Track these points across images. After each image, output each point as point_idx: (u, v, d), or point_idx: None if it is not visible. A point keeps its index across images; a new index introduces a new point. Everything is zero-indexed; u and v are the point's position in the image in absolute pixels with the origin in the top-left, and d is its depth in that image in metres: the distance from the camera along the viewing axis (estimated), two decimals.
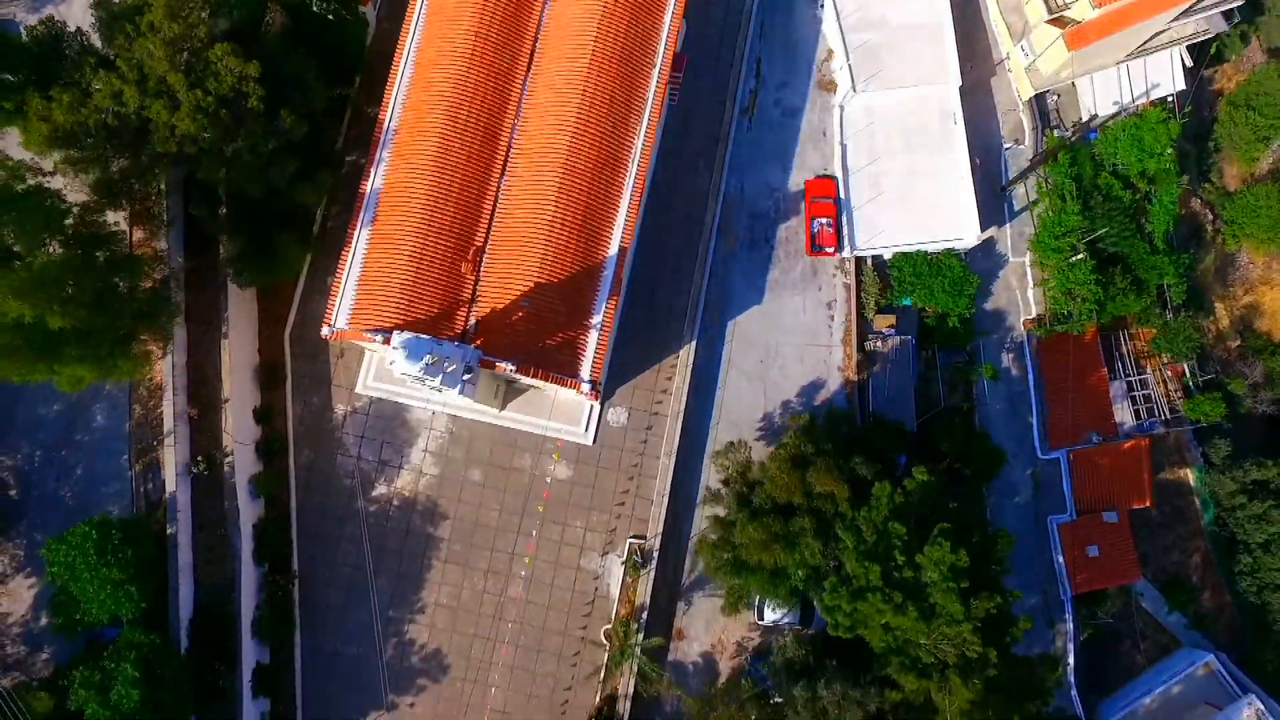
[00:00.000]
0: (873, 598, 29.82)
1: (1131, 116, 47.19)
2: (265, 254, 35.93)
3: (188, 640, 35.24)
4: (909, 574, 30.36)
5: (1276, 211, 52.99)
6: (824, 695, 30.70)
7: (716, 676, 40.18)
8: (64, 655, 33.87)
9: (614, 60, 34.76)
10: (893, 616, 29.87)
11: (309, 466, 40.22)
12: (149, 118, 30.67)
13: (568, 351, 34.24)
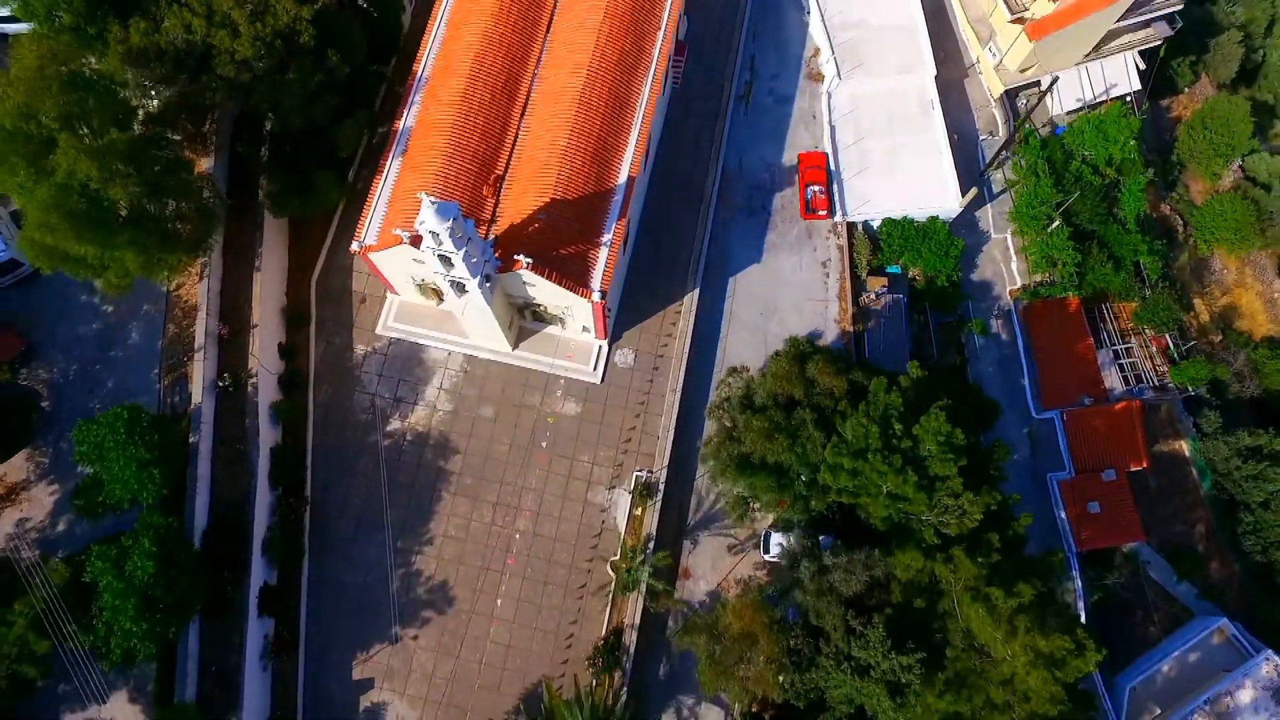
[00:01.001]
0: (873, 459, 30.97)
1: (1095, 112, 51.94)
2: (303, 189, 39.36)
3: (200, 546, 35.83)
4: (907, 444, 31.63)
5: (1241, 218, 57.05)
6: (831, 563, 31.19)
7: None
8: (81, 546, 34.41)
9: (623, 21, 39.46)
10: (894, 480, 30.90)
11: (327, 403, 41.90)
12: (213, 44, 34.83)
13: (579, 263, 36.89)
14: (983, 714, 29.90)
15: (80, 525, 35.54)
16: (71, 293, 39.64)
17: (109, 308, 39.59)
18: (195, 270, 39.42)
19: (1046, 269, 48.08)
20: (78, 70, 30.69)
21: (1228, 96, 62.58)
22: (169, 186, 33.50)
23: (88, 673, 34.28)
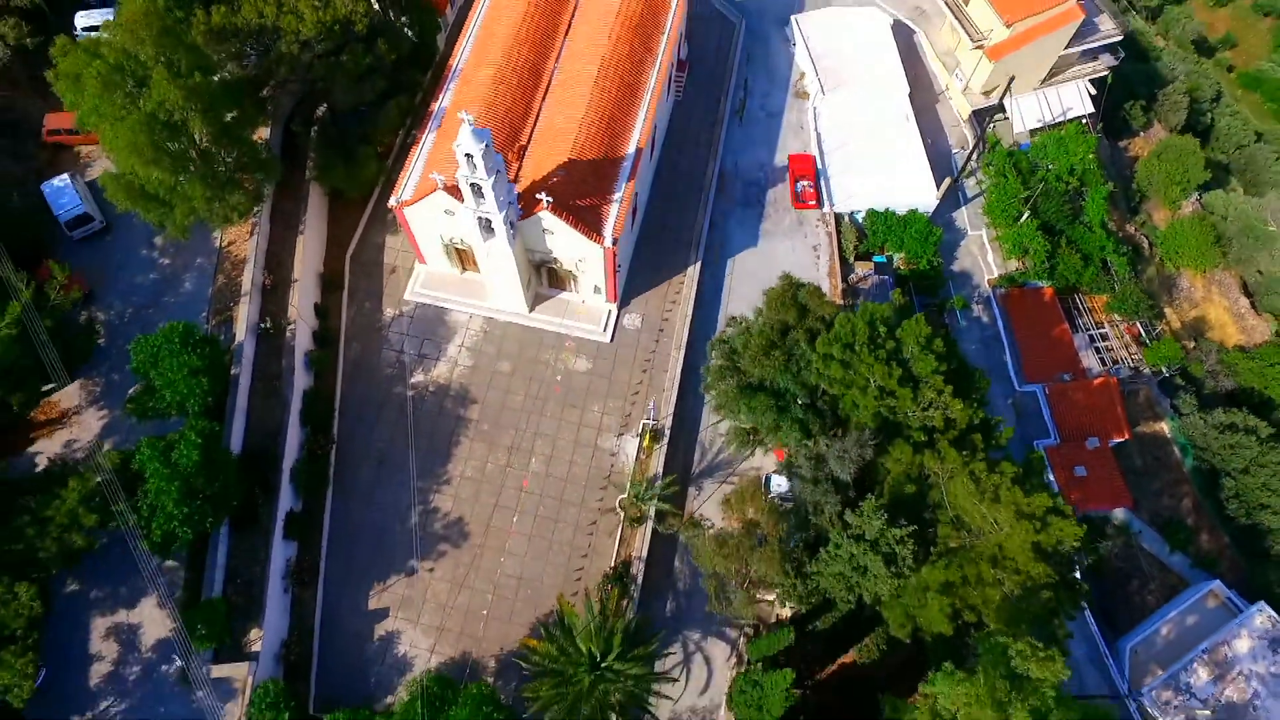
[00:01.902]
0: (861, 350, 34.37)
1: (1055, 131, 58.20)
2: (347, 159, 44.71)
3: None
4: (891, 344, 35.15)
5: (1202, 239, 62.57)
6: (826, 446, 33.92)
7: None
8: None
9: (631, 24, 45.99)
10: (880, 371, 34.17)
11: (356, 358, 45.51)
12: (280, 27, 41.00)
13: (593, 214, 41.54)
14: (974, 587, 31.81)
15: (127, 443, 38.30)
16: (133, 247, 44.18)
17: (166, 260, 44.03)
18: (246, 229, 44.10)
19: (1019, 255, 52.74)
20: (170, 25, 36.37)
21: (1179, 136, 69.70)
22: (235, 135, 38.68)
23: (122, 574, 36.45)
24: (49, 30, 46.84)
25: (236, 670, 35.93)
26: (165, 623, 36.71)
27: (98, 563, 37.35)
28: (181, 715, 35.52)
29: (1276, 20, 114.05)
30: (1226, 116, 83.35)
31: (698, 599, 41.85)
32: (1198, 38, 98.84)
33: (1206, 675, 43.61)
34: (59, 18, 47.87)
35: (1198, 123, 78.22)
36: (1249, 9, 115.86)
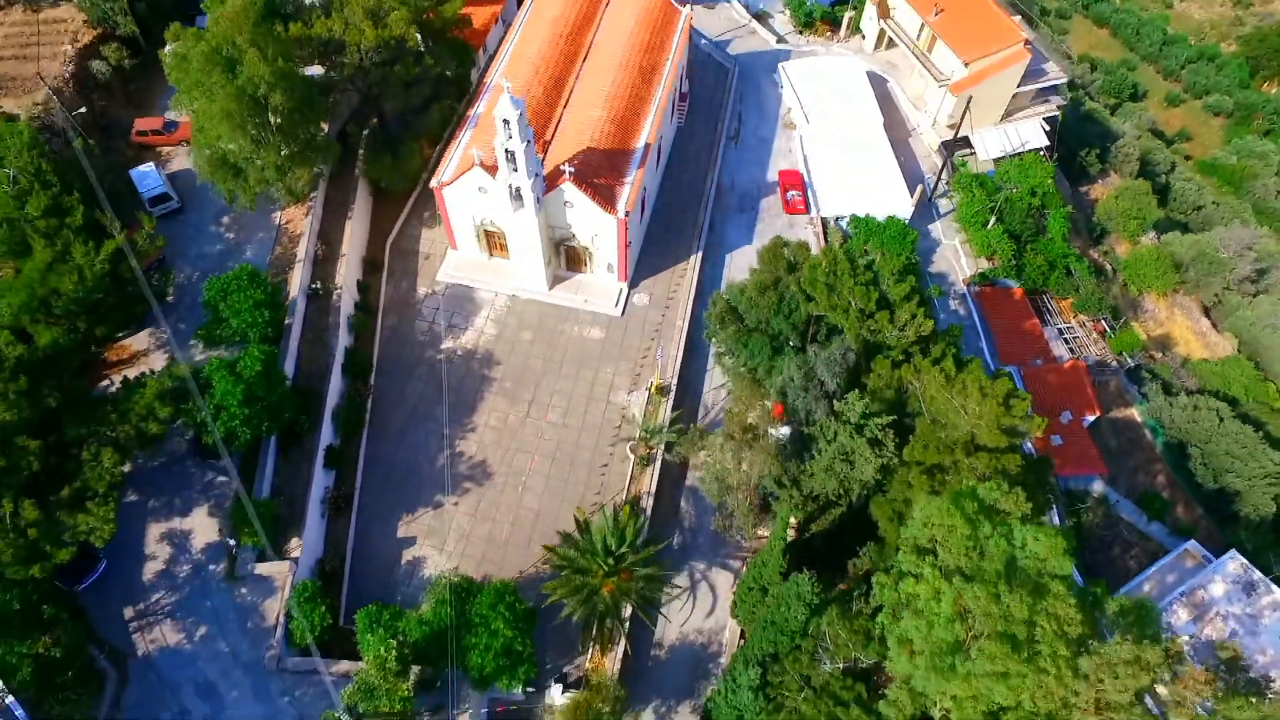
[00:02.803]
0: (844, 277, 39.97)
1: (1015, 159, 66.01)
2: (393, 152, 51.96)
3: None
4: (868, 275, 40.86)
5: (1162, 264, 69.50)
6: (814, 355, 38.87)
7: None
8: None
9: (641, 48, 54.38)
10: (861, 294, 39.70)
11: (393, 327, 51.04)
12: (346, 41, 49.17)
13: (608, 192, 48.19)
14: (951, 474, 36.05)
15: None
16: (202, 224, 50.64)
17: (230, 234, 50.36)
18: (302, 210, 50.73)
19: (988, 255, 59.14)
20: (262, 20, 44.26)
21: (1135, 180, 78.10)
22: (308, 114, 45.96)
23: (176, 488, 40.64)
24: (142, 55, 55.43)
25: (278, 569, 39.49)
26: (214, 530, 40.54)
27: (156, 476, 41.73)
28: (227, 608, 38.76)
29: (1227, 119, 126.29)
30: (1182, 181, 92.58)
31: (703, 536, 45.57)
32: (1154, 128, 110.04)
33: (1187, 615, 46.44)
34: (151, 47, 56.37)
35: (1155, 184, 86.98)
36: (1201, 109, 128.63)
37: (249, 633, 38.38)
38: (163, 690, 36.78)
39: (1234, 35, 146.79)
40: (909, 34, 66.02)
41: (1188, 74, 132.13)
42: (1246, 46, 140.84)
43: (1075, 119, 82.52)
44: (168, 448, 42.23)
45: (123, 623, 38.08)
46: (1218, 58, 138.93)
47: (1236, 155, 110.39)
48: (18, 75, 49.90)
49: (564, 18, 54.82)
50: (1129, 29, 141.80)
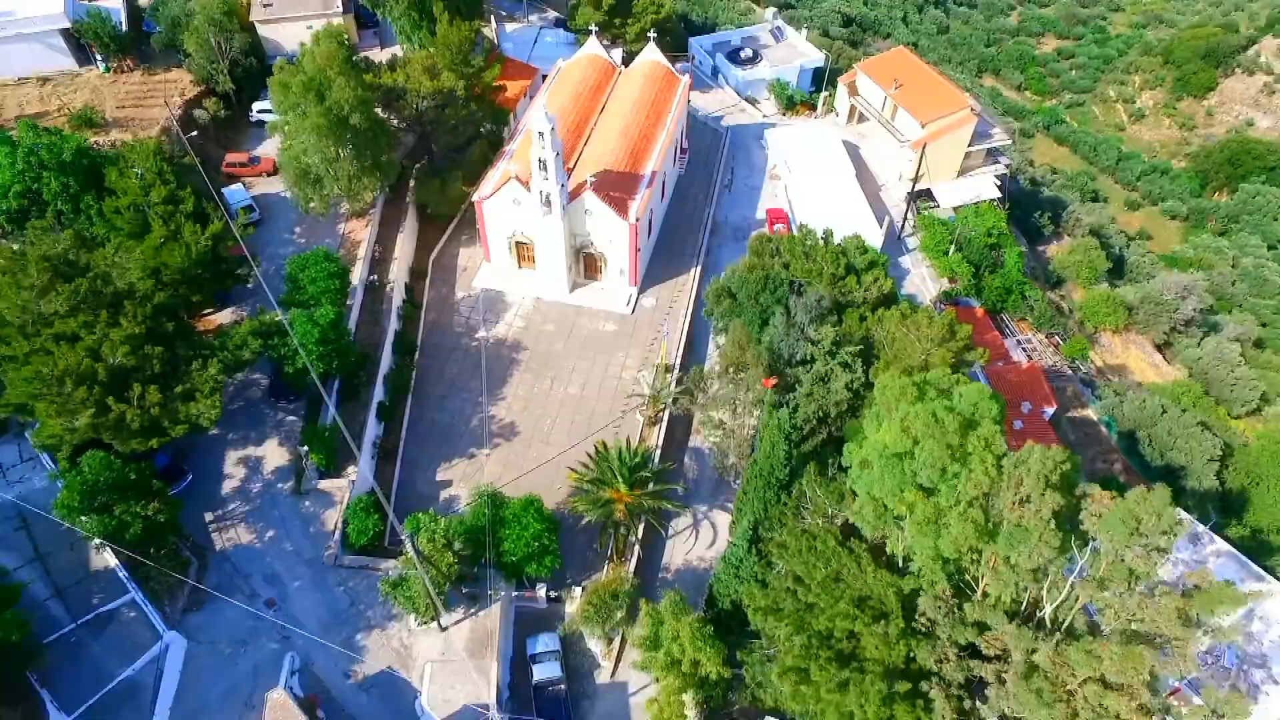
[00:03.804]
0: (817, 246, 49.10)
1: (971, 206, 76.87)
2: (441, 185, 62.60)
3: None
4: (838, 248, 50.10)
5: (1115, 306, 79.40)
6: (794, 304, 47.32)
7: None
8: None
9: (647, 102, 66.28)
10: (832, 261, 48.79)
11: (434, 321, 59.80)
12: (407, 89, 60.88)
13: (621, 203, 58.28)
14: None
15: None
16: (278, 233, 60.41)
17: (302, 240, 59.98)
18: (363, 223, 60.73)
19: (950, 275, 68.59)
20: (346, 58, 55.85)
21: (1084, 238, 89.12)
22: (378, 135, 56.80)
23: (252, 424, 48.19)
24: (232, 108, 67.38)
25: (338, 485, 46.40)
26: (283, 457, 47.65)
27: (236, 416, 49.32)
28: (292, 516, 45.34)
29: (1184, 222, 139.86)
30: (1137, 255, 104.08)
31: (705, 485, 52.36)
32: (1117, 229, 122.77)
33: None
34: (241, 103, 68.41)
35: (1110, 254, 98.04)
36: (1159, 213, 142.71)
37: (310, 536, 44.79)
38: (236, 577, 42.83)
39: (1182, 153, 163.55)
40: (875, 106, 78.70)
41: (1144, 184, 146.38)
42: (1195, 162, 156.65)
43: (1028, 189, 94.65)
44: (245, 394, 50.06)
45: (203, 524, 44.58)
46: (1170, 171, 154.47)
47: (1194, 250, 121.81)
48: (138, 119, 61.28)
49: (584, 80, 67.15)
50: (1087, 146, 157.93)
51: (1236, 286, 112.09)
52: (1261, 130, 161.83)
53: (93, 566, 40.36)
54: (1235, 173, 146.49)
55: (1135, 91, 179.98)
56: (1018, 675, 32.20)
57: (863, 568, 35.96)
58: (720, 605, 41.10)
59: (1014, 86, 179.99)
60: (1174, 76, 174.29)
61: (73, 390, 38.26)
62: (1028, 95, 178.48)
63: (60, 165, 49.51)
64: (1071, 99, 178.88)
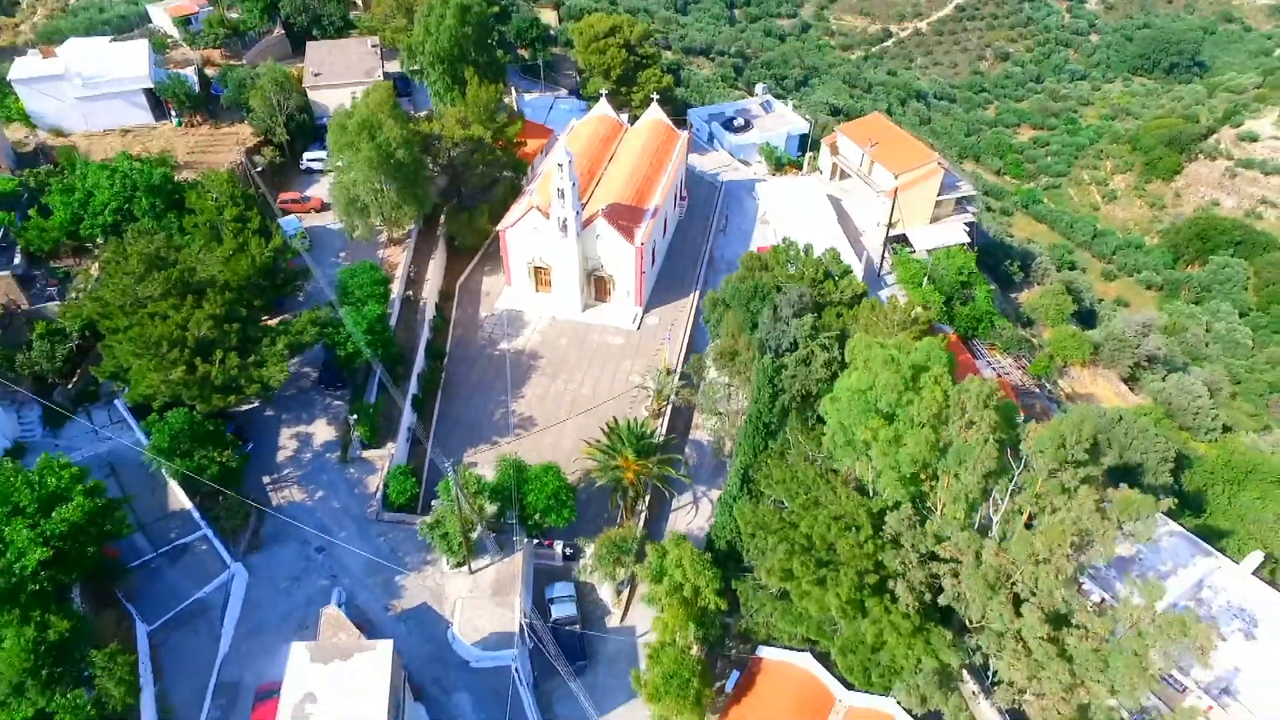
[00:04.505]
0: (798, 254, 57.36)
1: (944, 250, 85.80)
2: (469, 220, 71.73)
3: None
4: (816, 258, 58.43)
5: (1078, 340, 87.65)
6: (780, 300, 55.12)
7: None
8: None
9: (650, 151, 76.22)
10: (813, 267, 57.02)
11: (460, 335, 67.64)
12: (441, 135, 70.81)
13: (628, 230, 67.10)
14: None
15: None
16: (325, 257, 68.85)
17: (347, 262, 68.36)
18: (399, 250, 69.40)
19: (924, 304, 76.67)
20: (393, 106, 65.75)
21: (1053, 285, 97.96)
22: (419, 169, 66.15)
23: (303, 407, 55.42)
24: (285, 157, 77.31)
25: (379, 455, 53.14)
26: (331, 433, 54.57)
27: (290, 401, 56.51)
28: (339, 480, 51.91)
29: (1159, 291, 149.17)
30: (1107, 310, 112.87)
31: (704, 471, 58.92)
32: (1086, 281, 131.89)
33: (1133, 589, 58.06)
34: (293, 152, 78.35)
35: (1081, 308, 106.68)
36: (1135, 283, 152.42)
37: (355, 496, 51.27)
38: (290, 528, 49.07)
39: (1154, 230, 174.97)
40: (854, 163, 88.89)
41: (1119, 257, 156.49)
42: (1166, 238, 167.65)
43: (998, 242, 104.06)
44: (297, 383, 57.37)
45: (262, 486, 51.09)
46: (1144, 246, 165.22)
47: (1169, 315, 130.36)
48: (205, 163, 70.72)
49: (595, 133, 77.32)
50: (1064, 223, 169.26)
51: (1210, 348, 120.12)
52: (1227, 209, 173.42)
53: (170, 507, 46.77)
54: (1204, 247, 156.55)
55: (1107, 175, 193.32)
56: (968, 569, 38.36)
57: (838, 493, 42.49)
58: (717, 545, 47.23)
59: (994, 171, 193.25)
60: (1142, 161, 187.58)
61: (167, 351, 45.73)
62: (1007, 179, 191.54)
63: (149, 188, 58.35)
64: (1048, 182, 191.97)
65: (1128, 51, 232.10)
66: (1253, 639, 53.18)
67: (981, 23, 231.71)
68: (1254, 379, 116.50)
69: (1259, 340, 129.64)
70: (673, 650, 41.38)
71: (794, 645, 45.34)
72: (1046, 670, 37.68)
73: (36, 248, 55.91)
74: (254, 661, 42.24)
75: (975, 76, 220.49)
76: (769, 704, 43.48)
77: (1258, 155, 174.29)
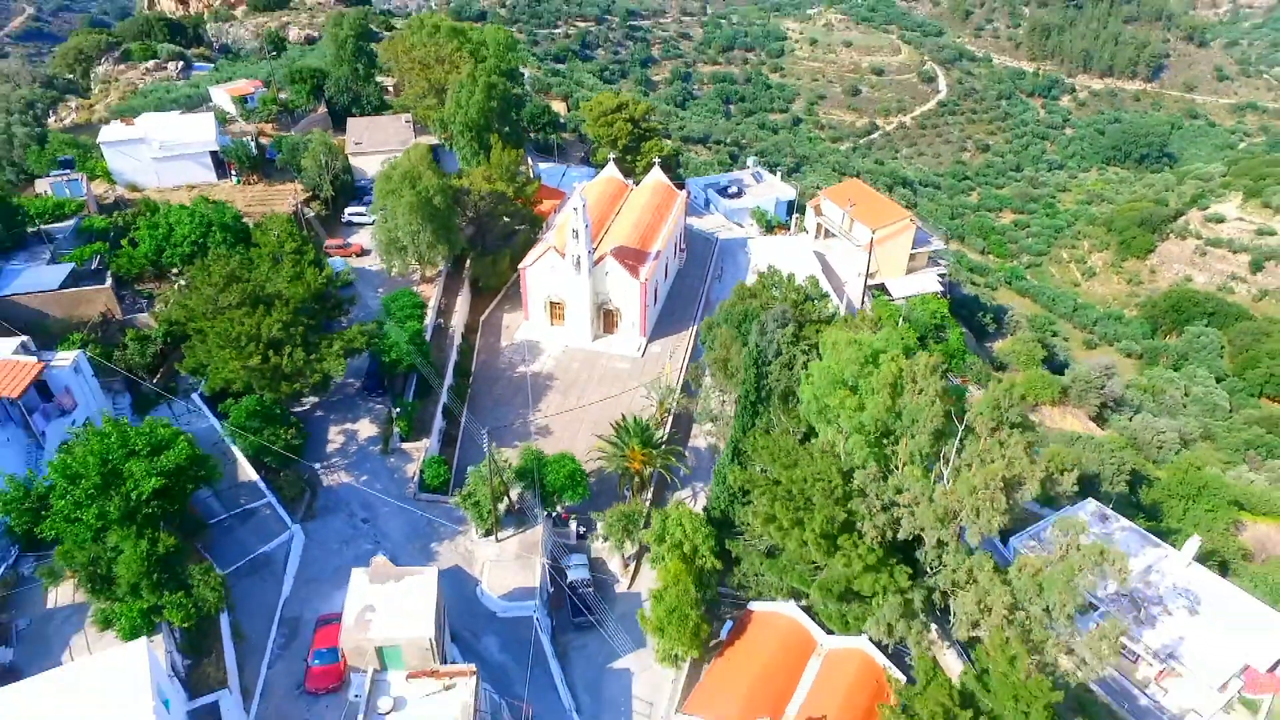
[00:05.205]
0: (781, 280, 66.98)
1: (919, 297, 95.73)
2: (492, 264, 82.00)
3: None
4: (797, 282, 68.12)
5: (1046, 380, 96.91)
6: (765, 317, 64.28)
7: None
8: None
9: (652, 208, 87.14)
10: (793, 291, 66.60)
11: (484, 360, 76.72)
12: (470, 189, 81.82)
13: (634, 268, 77.12)
14: None
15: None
16: (366, 293, 78.56)
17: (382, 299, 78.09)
18: (431, 286, 79.30)
19: None
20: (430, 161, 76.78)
21: (1025, 334, 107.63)
22: (452, 213, 76.71)
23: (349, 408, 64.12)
24: (330, 210, 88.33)
25: (416, 447, 61.39)
26: (374, 430, 62.92)
27: (338, 405, 65.10)
28: (380, 467, 59.97)
29: (1138, 360, 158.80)
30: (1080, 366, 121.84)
31: (701, 471, 66.82)
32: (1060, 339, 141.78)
33: (1060, 532, 65.39)
34: (336, 207, 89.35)
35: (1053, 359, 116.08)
36: (1115, 351, 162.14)
37: (395, 480, 59.19)
38: (339, 504, 56.87)
39: (1132, 303, 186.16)
40: (836, 222, 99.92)
41: (1099, 328, 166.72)
42: (1144, 311, 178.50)
43: (973, 298, 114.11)
44: (343, 390, 66.06)
45: (314, 470, 59.08)
46: (1122, 318, 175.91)
47: (1149, 380, 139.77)
48: (261, 213, 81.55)
49: (604, 191, 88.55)
50: (1046, 297, 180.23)
51: (1188, 408, 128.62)
52: (1199, 284, 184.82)
53: (239, 479, 54.71)
54: (1180, 318, 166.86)
55: (1085, 254, 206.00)
56: (922, 507, 46.12)
57: (814, 457, 50.54)
58: (713, 514, 54.88)
59: (978, 251, 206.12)
60: (1118, 241, 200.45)
61: (245, 344, 54.75)
62: (991, 258, 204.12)
63: (222, 225, 68.64)
64: (1030, 260, 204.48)
65: (1100, 144, 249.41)
66: (1196, 614, 60.09)
67: (962, 117, 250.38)
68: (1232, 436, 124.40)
69: (1236, 403, 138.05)
70: (675, 589, 48.58)
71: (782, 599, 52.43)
72: (991, 595, 44.99)
73: (125, 272, 65.61)
74: (311, 602, 49.46)
75: (958, 165, 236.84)
76: (759, 646, 50.23)
77: (1224, 235, 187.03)
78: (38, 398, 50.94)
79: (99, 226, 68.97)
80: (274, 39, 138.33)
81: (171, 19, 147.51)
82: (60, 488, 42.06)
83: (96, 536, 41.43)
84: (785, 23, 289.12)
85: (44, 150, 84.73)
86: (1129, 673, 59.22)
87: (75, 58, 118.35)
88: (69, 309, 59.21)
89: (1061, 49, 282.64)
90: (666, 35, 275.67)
